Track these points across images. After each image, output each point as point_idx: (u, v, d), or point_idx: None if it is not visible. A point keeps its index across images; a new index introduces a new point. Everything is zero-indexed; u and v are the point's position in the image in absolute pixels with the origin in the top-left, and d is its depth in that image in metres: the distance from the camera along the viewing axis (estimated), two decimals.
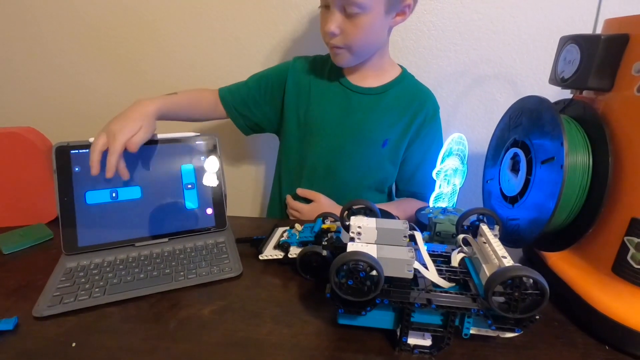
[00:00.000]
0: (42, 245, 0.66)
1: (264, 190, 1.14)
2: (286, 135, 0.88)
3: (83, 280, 0.55)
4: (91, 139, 0.62)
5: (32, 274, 0.57)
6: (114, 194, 0.63)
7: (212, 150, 0.69)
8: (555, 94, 0.56)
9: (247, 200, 1.15)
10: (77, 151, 0.62)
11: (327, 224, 0.60)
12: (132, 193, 0.64)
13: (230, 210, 0.70)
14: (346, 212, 0.53)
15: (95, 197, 0.62)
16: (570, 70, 0.50)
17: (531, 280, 0.37)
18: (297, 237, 0.61)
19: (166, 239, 0.65)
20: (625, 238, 0.44)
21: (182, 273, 0.57)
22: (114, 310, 0.50)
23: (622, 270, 0.45)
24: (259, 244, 0.64)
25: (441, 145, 0.81)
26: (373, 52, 0.77)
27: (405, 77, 0.83)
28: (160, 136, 0.66)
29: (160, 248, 0.63)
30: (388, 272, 0.40)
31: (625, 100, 0.45)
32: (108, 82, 1.02)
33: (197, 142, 0.68)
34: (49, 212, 0.72)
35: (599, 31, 0.50)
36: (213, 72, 1.01)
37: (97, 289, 0.53)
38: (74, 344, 0.44)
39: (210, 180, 0.68)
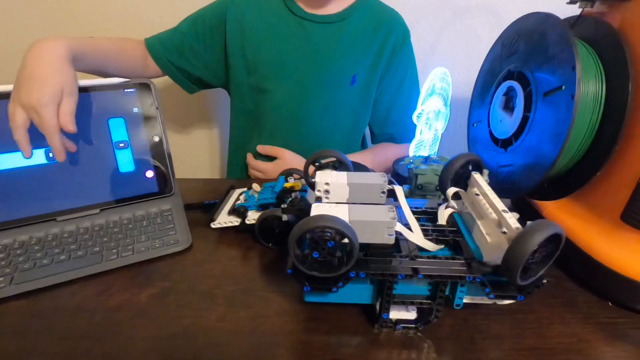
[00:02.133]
0: None
1: (221, 150, 1.02)
2: (236, 85, 0.75)
3: None
4: None
5: None
6: None
7: (147, 100, 0.56)
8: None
9: (204, 162, 1.02)
10: None
11: (291, 182, 0.50)
12: (45, 156, 0.51)
13: (184, 174, 0.59)
14: (311, 166, 0.44)
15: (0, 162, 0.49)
16: None
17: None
18: (256, 200, 0.51)
19: (97, 210, 0.53)
20: None
21: (114, 251, 0.47)
22: (22, 304, 0.39)
23: (633, 218, 0.38)
24: (212, 209, 0.54)
25: (415, 76, 0.72)
26: None
27: (366, 0, 0.71)
28: (79, 83, 0.52)
29: (89, 221, 0.52)
30: (364, 238, 0.32)
31: None
32: (17, 18, 0.83)
33: (127, 90, 0.55)
34: None
35: None
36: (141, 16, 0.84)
37: (0, 278, 0.42)
38: None
39: (148, 136, 0.56)
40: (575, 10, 0.44)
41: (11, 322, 0.37)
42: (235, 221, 0.50)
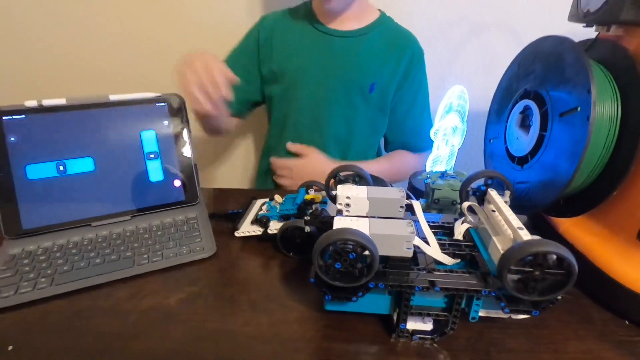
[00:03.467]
0: None
1: (244, 160, 1.05)
2: (268, 97, 0.81)
3: (27, 269, 0.47)
4: (28, 103, 0.53)
5: None
6: (61, 167, 0.54)
7: (177, 113, 0.59)
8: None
9: (226, 172, 1.05)
10: (10, 117, 0.52)
11: (311, 194, 0.53)
12: (83, 165, 0.55)
13: (216, 183, 0.62)
14: (332, 180, 0.46)
15: (38, 171, 0.53)
16: (598, 1, 0.41)
17: (554, 257, 0.31)
18: (278, 210, 0.53)
19: (128, 217, 0.57)
20: None
21: (145, 256, 0.49)
22: (63, 304, 0.42)
23: None
24: (236, 219, 0.57)
25: (427, 92, 0.77)
26: None
27: (384, 20, 0.77)
28: (112, 97, 0.56)
29: (121, 227, 0.55)
30: (383, 251, 0.33)
31: None
32: (46, 38, 0.88)
33: (158, 104, 0.59)
34: None
35: None
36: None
37: (43, 279, 0.45)
38: (10, 347, 0.37)
39: (176, 147, 0.59)
40: (591, 32, 0.45)
41: (53, 320, 0.40)
42: (257, 230, 0.53)
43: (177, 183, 0.60)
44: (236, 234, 0.53)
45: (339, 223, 0.35)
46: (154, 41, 0.89)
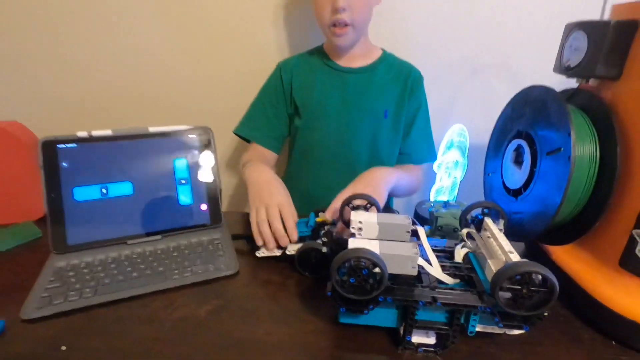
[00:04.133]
0: (30, 244, 0.63)
1: None
2: (294, 128, 0.89)
3: (73, 280, 0.53)
4: (80, 133, 0.60)
5: (20, 275, 0.55)
6: (104, 190, 0.61)
7: (206, 144, 0.66)
8: (556, 83, 0.55)
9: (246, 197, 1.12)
10: (64, 146, 0.59)
11: (321, 216, 0.58)
12: (123, 189, 0.62)
13: (237, 207, 0.68)
14: (345, 207, 0.52)
15: (84, 193, 0.60)
16: (577, 59, 0.48)
17: (540, 277, 0.36)
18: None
19: (159, 236, 0.63)
20: (634, 231, 0.42)
21: (176, 271, 0.55)
22: (106, 312, 0.48)
23: (630, 264, 0.43)
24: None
25: (427, 110, 0.86)
26: (364, 31, 0.82)
27: (387, 56, 0.88)
28: (151, 129, 0.64)
29: (153, 246, 0.61)
30: (392, 269, 0.39)
31: (635, 90, 0.43)
32: (97, 73, 0.98)
33: (190, 136, 0.66)
34: (37, 210, 0.70)
35: (606, 18, 0.49)
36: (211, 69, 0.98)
37: (87, 289, 0.51)
38: (63, 347, 0.42)
39: (204, 175, 0.66)
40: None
41: (98, 325, 0.45)
42: (277, 251, 0.58)
43: (204, 207, 0.66)
44: (257, 254, 0.59)
45: (353, 244, 0.41)
46: (191, 77, 0.99)
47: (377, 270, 0.37)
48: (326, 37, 0.82)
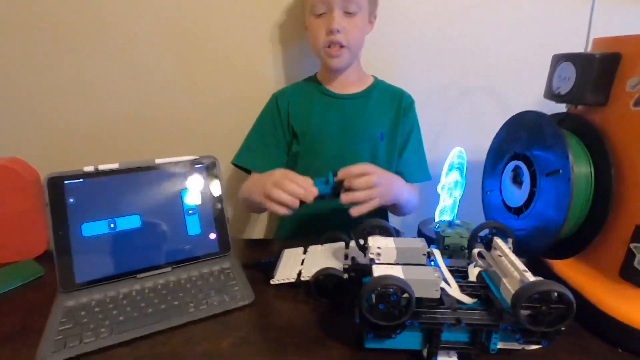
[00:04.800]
0: (32, 283, 0.62)
1: (269, 214, 1.12)
2: (290, 156, 0.90)
3: (86, 320, 0.51)
4: (86, 168, 0.60)
5: (28, 317, 0.53)
6: (112, 225, 0.60)
7: (212, 173, 0.67)
8: (538, 104, 0.58)
9: (253, 222, 1.12)
10: (71, 181, 0.59)
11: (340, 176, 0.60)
12: (131, 222, 0.61)
13: (238, 234, 0.68)
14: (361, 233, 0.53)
15: (92, 228, 0.59)
16: (566, 87, 0.52)
17: (556, 294, 0.38)
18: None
19: (169, 268, 0.62)
20: (631, 245, 0.46)
21: (191, 304, 0.55)
22: (125, 351, 0.47)
23: (630, 275, 0.47)
24: (268, 267, 0.63)
25: (419, 131, 0.90)
26: (357, 56, 0.86)
27: (379, 82, 0.92)
28: (158, 161, 0.64)
29: (164, 278, 0.60)
30: (417, 293, 0.40)
31: (622, 115, 0.48)
32: (98, 107, 0.97)
33: (196, 166, 0.66)
34: (36, 247, 0.68)
35: (588, 49, 0.54)
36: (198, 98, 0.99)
37: (103, 329, 0.50)
38: None
39: (211, 203, 0.66)
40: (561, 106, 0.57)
41: None
42: (292, 278, 0.59)
43: (212, 236, 0.66)
44: (272, 282, 0.59)
45: (377, 271, 0.42)
46: (193, 107, 1.00)
47: (405, 295, 0.39)
48: (322, 60, 0.84)
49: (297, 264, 0.62)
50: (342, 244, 0.64)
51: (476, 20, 0.95)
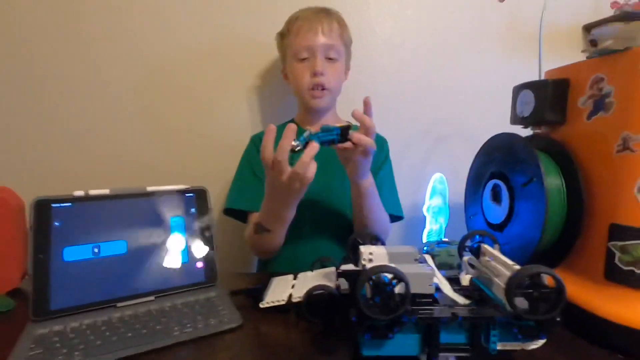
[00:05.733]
0: (3, 316, 0.57)
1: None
2: None
3: (58, 345, 0.47)
4: (76, 192, 0.60)
5: None
6: (96, 250, 0.58)
7: (202, 203, 0.68)
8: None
9: (240, 256, 1.09)
10: (59, 205, 0.58)
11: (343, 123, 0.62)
12: (116, 248, 0.60)
13: (227, 266, 0.67)
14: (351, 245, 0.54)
15: (75, 253, 0.57)
16: (528, 110, 0.59)
17: (545, 276, 0.39)
18: (316, 135, 0.60)
19: (152, 297, 0.59)
20: (609, 244, 0.48)
21: (177, 328, 0.51)
22: None
23: (614, 275, 0.48)
24: (256, 294, 0.61)
25: (390, 167, 0.94)
26: (335, 101, 0.93)
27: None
28: (149, 188, 0.65)
29: (146, 307, 0.57)
30: (411, 288, 0.40)
31: (579, 128, 0.54)
32: (87, 138, 1.00)
33: (187, 194, 0.67)
34: (9, 281, 0.64)
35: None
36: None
37: (77, 353, 0.46)
38: None
39: (200, 233, 0.66)
40: (527, 132, 0.63)
41: None
42: (282, 300, 0.57)
43: (199, 265, 0.64)
44: (261, 305, 0.57)
45: (371, 264, 0.42)
46: (184, 141, 1.04)
47: (400, 288, 0.39)
48: (304, 102, 0.89)
49: (287, 288, 0.60)
50: (333, 268, 0.64)
51: (442, 70, 1.08)
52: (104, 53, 0.99)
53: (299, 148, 0.59)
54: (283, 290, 0.60)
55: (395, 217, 0.85)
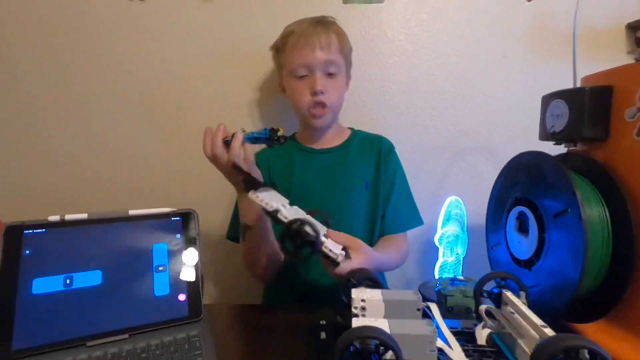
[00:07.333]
0: None
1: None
2: None
3: None
4: (51, 217, 0.55)
5: None
6: (67, 281, 0.53)
7: (189, 228, 0.62)
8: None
9: (232, 286, 1.02)
10: (30, 231, 0.54)
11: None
12: (90, 279, 0.54)
13: (215, 299, 0.60)
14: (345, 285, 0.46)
15: (44, 285, 0.52)
16: (561, 124, 0.49)
17: (586, 352, 0.29)
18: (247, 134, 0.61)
19: (126, 335, 0.53)
20: None
21: None
22: None
23: None
24: (253, 180, 0.61)
25: (404, 175, 0.87)
26: (338, 115, 0.87)
27: (357, 133, 0.92)
28: (131, 212, 0.60)
29: (117, 347, 0.51)
30: (405, 353, 0.32)
31: (627, 147, 0.43)
32: (70, 161, 0.97)
33: (173, 219, 0.62)
34: None
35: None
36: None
37: None
38: None
39: (185, 261, 0.60)
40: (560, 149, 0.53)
41: None
42: (271, 206, 0.54)
43: (182, 297, 0.58)
44: (250, 196, 0.56)
45: (357, 322, 0.34)
46: (168, 162, 1.00)
47: (388, 356, 0.30)
48: (304, 120, 0.84)
49: (279, 204, 0.58)
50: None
51: (462, 78, 0.98)
52: (85, 71, 0.96)
53: (227, 140, 0.62)
54: (276, 202, 0.58)
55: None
